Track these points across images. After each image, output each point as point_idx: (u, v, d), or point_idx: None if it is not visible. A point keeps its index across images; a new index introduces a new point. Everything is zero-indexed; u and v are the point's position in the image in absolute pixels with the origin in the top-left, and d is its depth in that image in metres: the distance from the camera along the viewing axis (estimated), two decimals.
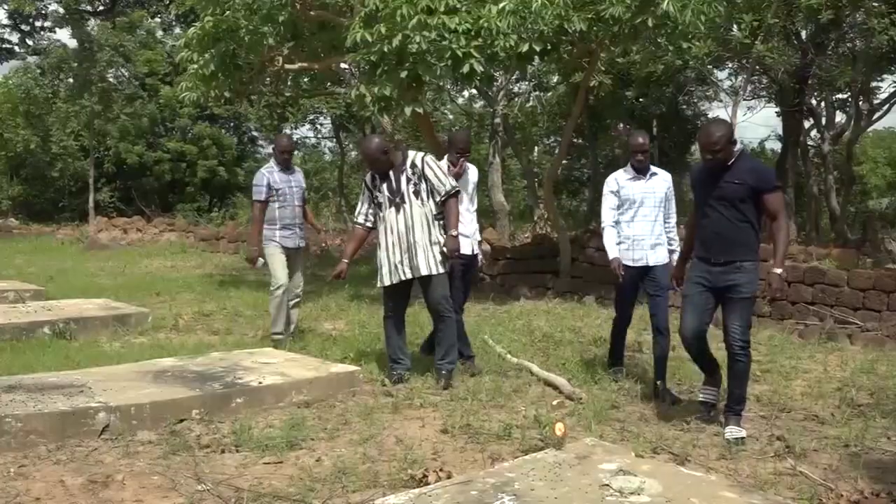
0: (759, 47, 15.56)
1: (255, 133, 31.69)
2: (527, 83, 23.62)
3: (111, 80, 26.60)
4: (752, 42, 15.43)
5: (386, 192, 6.27)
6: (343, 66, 12.67)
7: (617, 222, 6.26)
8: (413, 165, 6.30)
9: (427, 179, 6.25)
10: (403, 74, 9.14)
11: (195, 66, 10.90)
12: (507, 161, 25.22)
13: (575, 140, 22.55)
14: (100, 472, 4.27)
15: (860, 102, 19.59)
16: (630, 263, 6.19)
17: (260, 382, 5.68)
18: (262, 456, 4.58)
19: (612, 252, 6.20)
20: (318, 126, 31.38)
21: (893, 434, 5.16)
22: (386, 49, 8.95)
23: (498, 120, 19.63)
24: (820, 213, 22.65)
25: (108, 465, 4.40)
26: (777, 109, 21.23)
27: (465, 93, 24.92)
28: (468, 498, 3.60)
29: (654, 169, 6.41)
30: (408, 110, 9.67)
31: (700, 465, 4.52)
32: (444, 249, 6.19)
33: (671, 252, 6.32)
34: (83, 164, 26.24)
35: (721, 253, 5.03)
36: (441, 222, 6.27)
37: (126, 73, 27.59)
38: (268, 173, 7.48)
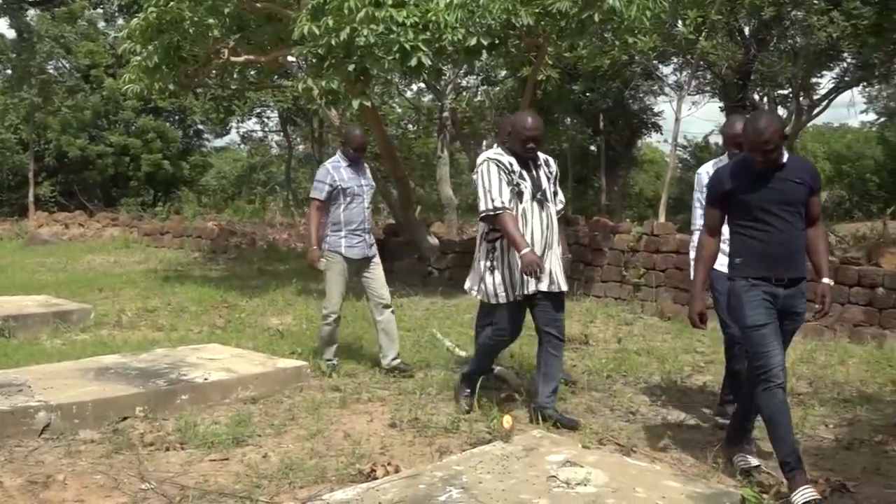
0: (703, 43, 15.79)
1: (200, 126, 31.32)
2: (475, 77, 23.67)
3: (51, 71, 26.07)
4: (697, 38, 15.64)
5: (529, 183, 5.11)
6: (290, 58, 12.53)
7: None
8: (548, 164, 5.32)
9: (556, 185, 5.35)
10: (351, 68, 9.08)
11: (138, 58, 10.70)
12: (456, 155, 25.21)
13: None
14: (40, 472, 4.18)
15: (801, 98, 20.01)
16: None
17: (205, 378, 5.62)
18: (207, 453, 4.53)
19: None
20: (265, 119, 31.20)
21: (832, 422, 5.28)
22: (333, 42, 8.88)
23: (446, 114, 19.62)
24: None
25: (48, 465, 4.32)
26: (721, 104, 21.63)
27: (414, 86, 24.90)
28: (416, 492, 3.60)
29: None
30: (355, 104, 9.60)
31: (645, 456, 4.58)
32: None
33: None
34: (22, 158, 25.70)
35: (792, 269, 4.12)
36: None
37: (67, 65, 27.04)
38: (333, 169, 6.43)
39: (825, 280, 4.24)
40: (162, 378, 5.56)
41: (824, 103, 20.35)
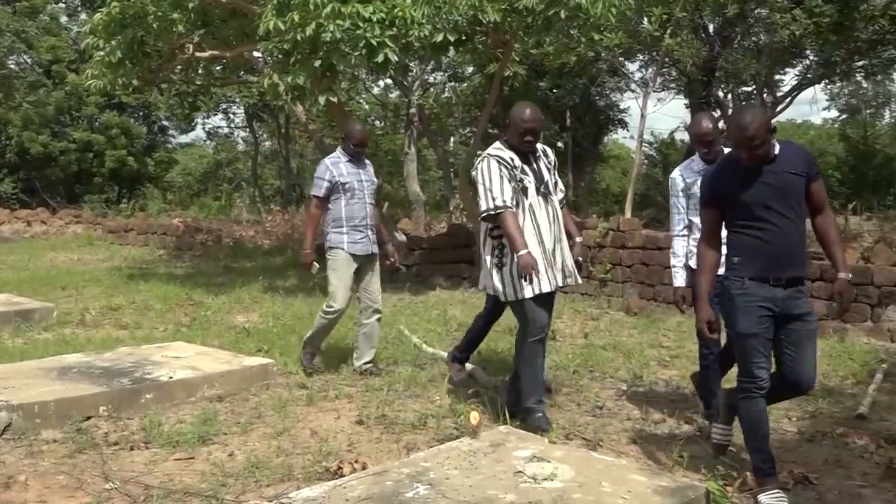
0: (668, 40, 15.91)
1: (165, 122, 31.01)
2: (442, 73, 23.68)
3: (13, 66, 25.65)
4: (662, 35, 15.76)
5: (532, 177, 4.94)
6: (256, 54, 12.44)
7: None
8: (546, 155, 5.15)
9: (554, 175, 5.16)
10: (317, 63, 9.04)
11: (101, 52, 10.58)
12: (423, 151, 25.21)
13: (490, 130, 22.59)
14: (1, 473, 4.12)
15: (764, 95, 20.21)
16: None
17: (170, 377, 5.57)
18: (172, 452, 4.50)
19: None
20: (231, 115, 30.97)
21: (794, 415, 5.35)
22: (299, 37, 8.83)
23: (413, 110, 19.61)
24: None
25: (9, 465, 4.26)
26: (686, 101, 21.76)
27: (380, 83, 24.85)
28: (383, 489, 3.59)
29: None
30: (322, 100, 9.56)
31: (611, 450, 4.61)
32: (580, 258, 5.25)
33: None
34: None
35: (792, 268, 3.86)
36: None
37: (28, 60, 26.63)
38: (332, 165, 6.27)
39: (841, 274, 3.93)
40: (126, 377, 5.50)
41: (787, 100, 20.58)
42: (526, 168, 4.92)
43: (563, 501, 3.41)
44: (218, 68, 14.59)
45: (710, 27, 18.76)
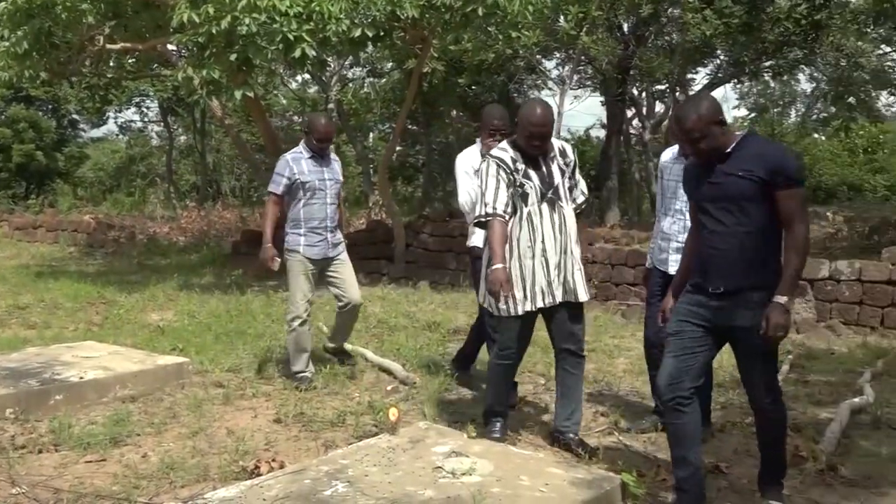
0: (584, 38, 16.15)
1: (75, 116, 30.21)
2: (360, 69, 23.59)
3: None
4: (578, 33, 15.98)
5: (537, 182, 4.46)
6: (170, 47, 12.19)
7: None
8: (563, 154, 4.59)
9: (573, 177, 4.64)
10: (233, 57, 8.91)
11: (6, 43, 10.22)
12: (342, 147, 25.09)
13: (409, 126, 22.69)
14: None
15: (677, 93, 20.68)
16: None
17: (81, 377, 5.42)
18: (83, 454, 4.38)
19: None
20: (145, 109, 30.35)
21: (717, 406, 5.48)
22: (214, 31, 8.69)
23: (332, 105, 19.51)
24: (641, 198, 23.83)
25: None
26: (601, 99, 22.16)
27: (298, 77, 24.63)
28: (301, 487, 3.56)
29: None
30: (238, 94, 9.43)
31: (529, 444, 4.66)
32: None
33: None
34: None
35: (726, 278, 3.53)
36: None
37: None
38: (293, 161, 5.85)
39: (776, 298, 3.41)
40: (34, 378, 5.34)
41: None
42: (531, 171, 4.45)
43: (482, 496, 3.44)
44: (130, 61, 14.26)
45: (625, 26, 19.10)
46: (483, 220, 4.45)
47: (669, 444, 3.73)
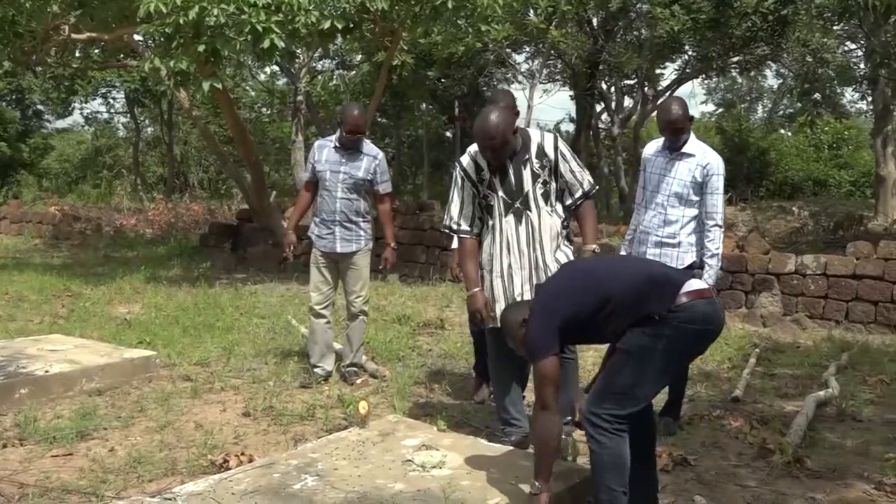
0: (553, 33, 16.20)
1: (40, 107, 29.78)
2: (330, 61, 23.48)
3: None
4: (548, 27, 16.03)
5: (501, 193, 4.17)
6: (136, 37, 12.05)
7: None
8: (541, 154, 4.19)
9: (560, 176, 4.22)
10: (201, 48, 8.82)
11: None
12: (311, 139, 24.95)
13: (379, 119, 22.65)
14: None
15: (645, 88, 20.81)
16: None
17: (46, 371, 5.36)
18: (49, 449, 4.32)
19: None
20: (111, 100, 29.99)
21: (685, 400, 5.52)
22: (182, 21, 8.60)
23: (301, 98, 19.40)
24: (610, 192, 23.95)
25: None
26: (571, 93, 22.25)
27: (267, 69, 24.47)
28: (270, 481, 3.55)
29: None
30: (206, 85, 9.34)
31: (499, 438, 4.67)
32: None
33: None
34: None
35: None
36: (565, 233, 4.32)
37: None
38: (317, 148, 5.78)
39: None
40: None
41: (668, 94, 21.19)
42: (495, 181, 4.17)
43: (452, 489, 3.45)
44: (96, 51, 14.10)
45: (594, 21, 19.19)
46: (447, 232, 4.42)
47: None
